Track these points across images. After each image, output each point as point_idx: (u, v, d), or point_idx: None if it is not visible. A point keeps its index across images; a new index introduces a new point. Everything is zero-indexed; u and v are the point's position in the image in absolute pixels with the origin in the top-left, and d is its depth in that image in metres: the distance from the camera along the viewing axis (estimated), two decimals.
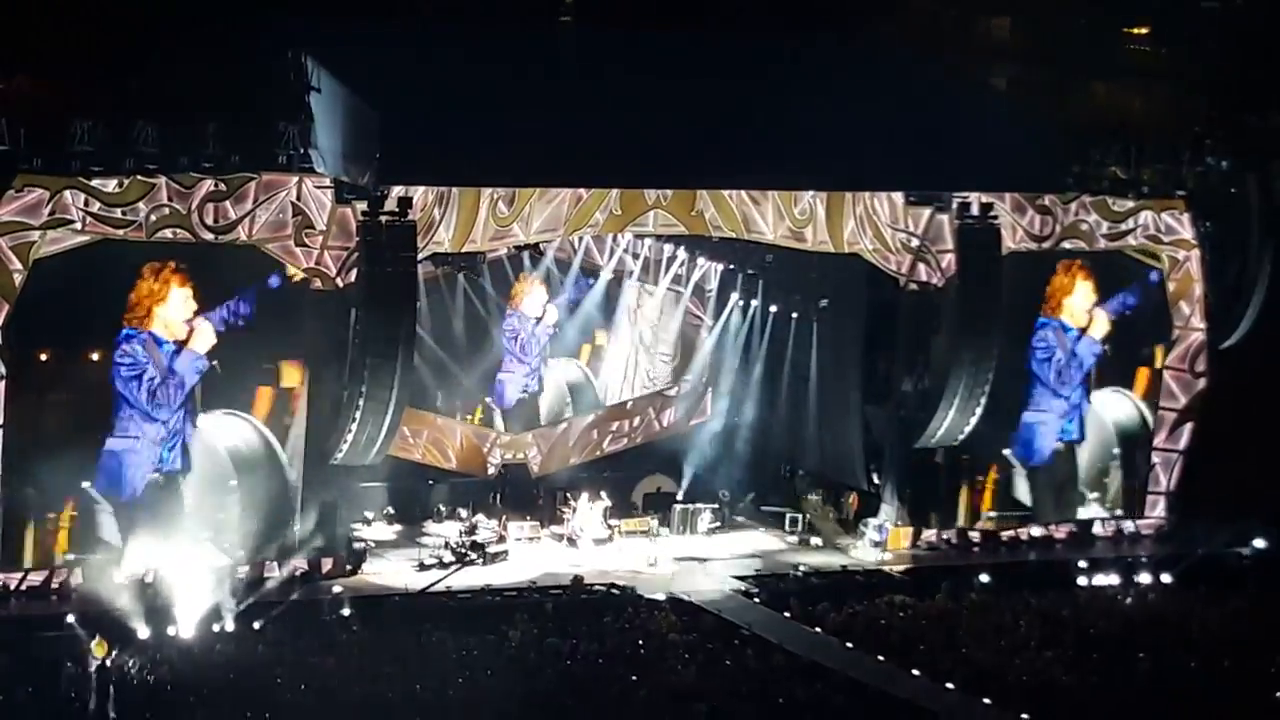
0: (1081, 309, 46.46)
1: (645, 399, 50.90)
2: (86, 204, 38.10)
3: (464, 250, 43.15)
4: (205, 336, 39.64)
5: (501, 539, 44.27)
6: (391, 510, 46.07)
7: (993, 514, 46.44)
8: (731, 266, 49.87)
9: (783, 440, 49.16)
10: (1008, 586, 42.71)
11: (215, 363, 39.64)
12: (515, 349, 49.19)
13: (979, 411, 44.66)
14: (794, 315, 48.49)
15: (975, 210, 44.25)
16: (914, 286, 45.18)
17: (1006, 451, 46.52)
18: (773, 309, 49.04)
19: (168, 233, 38.95)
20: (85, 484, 39.05)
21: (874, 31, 49.55)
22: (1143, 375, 47.49)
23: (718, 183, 42.95)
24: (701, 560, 44.43)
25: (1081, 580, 43.93)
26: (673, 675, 36.51)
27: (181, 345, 39.51)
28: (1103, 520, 47.52)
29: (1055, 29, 58.09)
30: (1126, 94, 56.98)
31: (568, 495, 46.24)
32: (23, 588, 38.81)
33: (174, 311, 39.41)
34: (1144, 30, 60.31)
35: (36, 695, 33.92)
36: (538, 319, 49.23)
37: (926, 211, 44.83)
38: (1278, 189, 46.88)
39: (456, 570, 42.34)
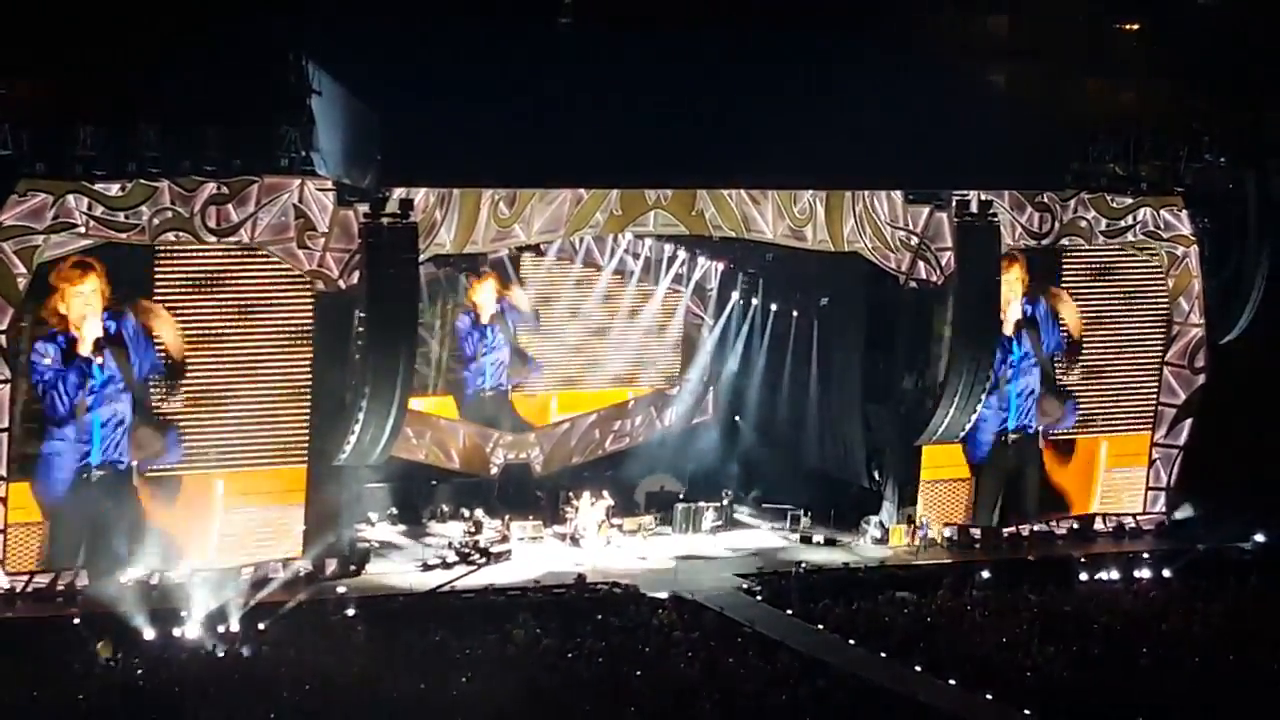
0: None
1: (647, 398, 51.02)
2: (90, 208, 38.21)
3: (465, 251, 43.33)
4: None
5: (504, 539, 44.39)
6: (395, 510, 46.16)
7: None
8: (732, 266, 50.04)
9: (784, 438, 49.29)
10: (1009, 583, 42.88)
11: None
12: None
13: (979, 408, 44.86)
14: (794, 314, 48.62)
15: (974, 208, 44.38)
16: (914, 284, 45.32)
17: None
18: (773, 308, 49.17)
19: (170, 236, 39.14)
20: None
21: (872, 30, 49.54)
22: None
23: (717, 182, 43.07)
24: (705, 558, 44.60)
25: (1083, 576, 44.11)
26: (675, 673, 36.62)
27: None
28: (1103, 516, 47.65)
29: (1053, 26, 58.17)
30: (1124, 91, 57.08)
31: (570, 494, 46.30)
32: (29, 590, 38.93)
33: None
34: (1141, 27, 60.41)
35: (42, 698, 34.05)
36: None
37: (926, 209, 44.97)
38: (1275, 185, 47.06)
39: (467, 574, 42.45)
